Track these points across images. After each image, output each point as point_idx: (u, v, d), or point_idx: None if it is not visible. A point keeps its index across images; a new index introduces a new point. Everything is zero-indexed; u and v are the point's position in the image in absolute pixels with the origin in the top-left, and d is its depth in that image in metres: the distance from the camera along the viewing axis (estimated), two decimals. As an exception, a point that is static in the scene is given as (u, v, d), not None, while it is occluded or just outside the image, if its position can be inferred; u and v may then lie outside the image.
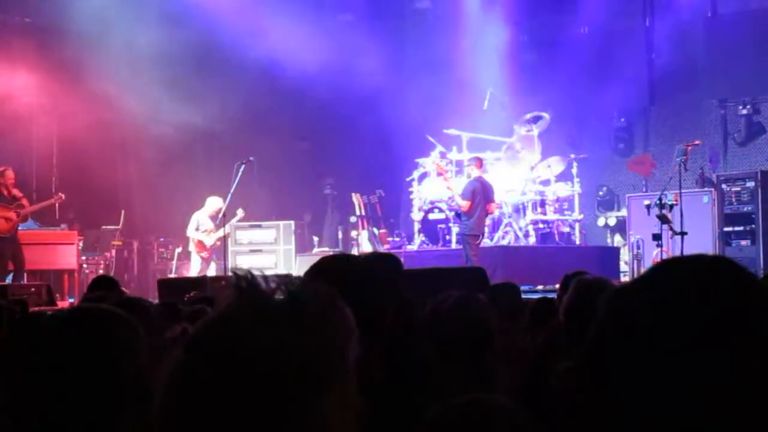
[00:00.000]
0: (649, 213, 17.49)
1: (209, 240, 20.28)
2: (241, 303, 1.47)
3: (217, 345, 1.46)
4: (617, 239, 22.39)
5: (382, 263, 4.82)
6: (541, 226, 19.71)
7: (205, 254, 20.44)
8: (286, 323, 1.46)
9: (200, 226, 20.39)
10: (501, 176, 19.63)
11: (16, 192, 19.01)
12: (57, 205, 20.13)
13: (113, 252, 21.96)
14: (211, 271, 20.01)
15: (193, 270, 20.43)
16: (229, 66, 22.76)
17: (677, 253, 16.66)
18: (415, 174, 20.60)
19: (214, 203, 20.09)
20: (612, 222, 22.67)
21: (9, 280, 18.25)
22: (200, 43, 21.91)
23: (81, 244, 20.75)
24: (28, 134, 22.00)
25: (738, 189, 19.20)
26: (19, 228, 18.99)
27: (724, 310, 1.59)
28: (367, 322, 3.50)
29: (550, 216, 19.88)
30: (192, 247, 20.62)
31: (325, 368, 1.49)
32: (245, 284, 1.49)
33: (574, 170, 20.13)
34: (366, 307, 3.50)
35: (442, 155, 20.00)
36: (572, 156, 20.32)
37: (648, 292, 1.64)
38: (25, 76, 21.59)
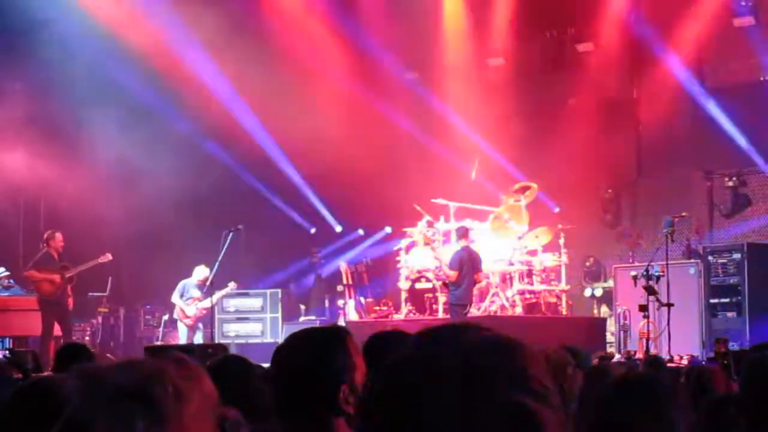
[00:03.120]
0: (635, 284, 17.50)
1: (190, 309, 20.15)
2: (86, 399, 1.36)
3: None
4: (604, 310, 22.34)
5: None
6: (527, 296, 19.66)
7: (188, 321, 20.28)
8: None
9: (185, 294, 20.28)
10: (488, 246, 19.61)
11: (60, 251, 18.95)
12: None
13: (99, 319, 21.87)
14: (198, 339, 19.90)
15: (181, 338, 20.32)
16: (217, 134, 22.83)
17: (663, 324, 16.69)
18: (403, 243, 20.57)
19: (201, 272, 20.00)
20: (599, 293, 22.61)
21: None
22: (190, 110, 21.99)
23: (67, 310, 20.64)
24: (16, 200, 21.97)
25: (724, 261, 19.21)
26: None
27: None
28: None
29: (537, 286, 19.83)
30: (177, 315, 20.51)
31: None
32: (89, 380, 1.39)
33: (562, 241, 20.13)
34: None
35: (429, 225, 19.99)
36: (560, 226, 20.33)
37: None
38: (11, 143, 21.55)
